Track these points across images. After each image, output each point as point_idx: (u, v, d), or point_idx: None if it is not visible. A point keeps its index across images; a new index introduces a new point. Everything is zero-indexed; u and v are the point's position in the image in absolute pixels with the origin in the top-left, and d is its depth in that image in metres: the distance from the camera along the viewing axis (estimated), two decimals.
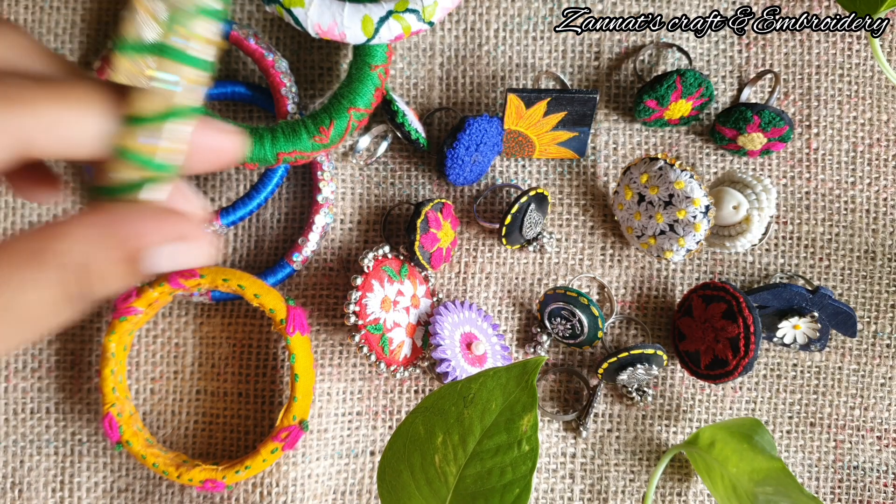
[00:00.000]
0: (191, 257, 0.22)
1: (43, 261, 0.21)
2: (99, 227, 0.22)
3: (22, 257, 0.21)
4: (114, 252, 0.21)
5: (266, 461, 0.43)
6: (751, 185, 0.44)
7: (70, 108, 0.21)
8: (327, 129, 0.42)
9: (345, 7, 0.40)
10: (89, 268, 0.21)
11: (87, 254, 0.21)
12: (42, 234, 0.21)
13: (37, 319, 0.21)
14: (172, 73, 0.21)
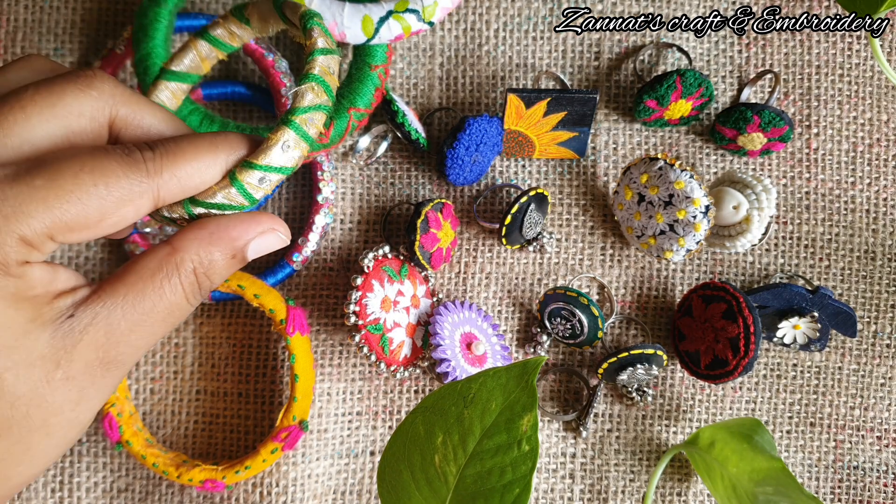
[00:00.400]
0: (277, 242, 0.29)
1: (171, 269, 0.27)
2: (210, 235, 0.28)
3: (153, 269, 0.27)
4: (226, 251, 0.28)
5: (266, 461, 0.43)
6: (751, 185, 0.44)
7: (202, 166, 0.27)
8: (327, 129, 0.42)
9: (345, 7, 0.40)
10: (209, 267, 0.28)
11: (205, 257, 0.27)
12: (165, 248, 0.27)
13: (173, 316, 0.27)
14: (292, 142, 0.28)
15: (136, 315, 0.27)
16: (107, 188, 0.25)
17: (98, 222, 0.25)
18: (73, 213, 0.24)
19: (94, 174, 0.25)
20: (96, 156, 0.25)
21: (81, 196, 0.24)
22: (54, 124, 0.26)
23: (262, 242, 0.29)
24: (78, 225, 0.25)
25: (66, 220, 0.24)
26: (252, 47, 0.44)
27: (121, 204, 0.25)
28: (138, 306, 0.27)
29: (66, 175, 0.24)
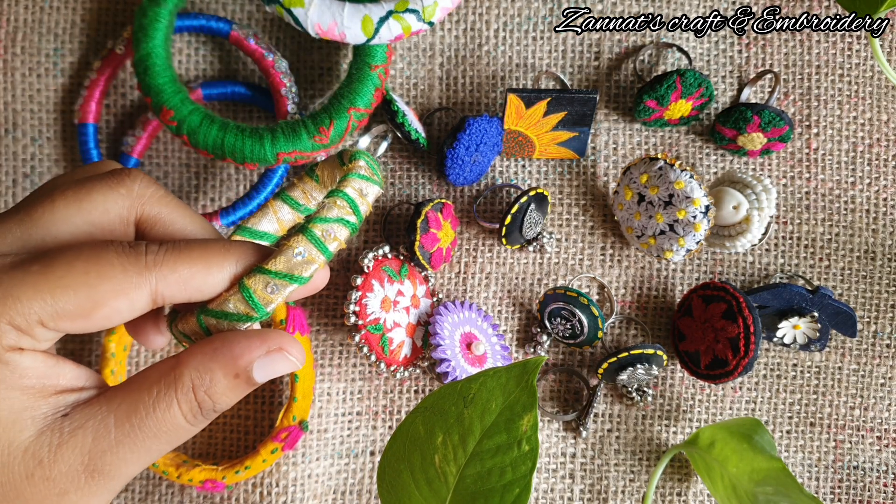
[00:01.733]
0: (288, 365, 0.27)
1: (169, 384, 0.26)
2: (213, 351, 0.26)
3: (152, 381, 0.26)
4: (228, 370, 0.26)
5: (266, 461, 0.43)
6: (751, 185, 0.44)
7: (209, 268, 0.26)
8: (327, 129, 0.42)
9: (345, 7, 0.40)
10: (210, 387, 0.26)
11: (205, 374, 0.26)
12: (170, 361, 0.26)
13: (168, 434, 0.26)
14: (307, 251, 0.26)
15: (127, 427, 0.25)
16: (99, 277, 0.24)
17: (90, 312, 0.25)
18: (63, 300, 0.24)
19: (87, 263, 0.24)
20: (96, 246, 0.25)
21: (71, 283, 0.24)
22: (79, 220, 0.26)
23: (270, 364, 0.26)
24: (68, 313, 0.24)
25: (57, 307, 0.24)
26: (252, 47, 0.44)
27: (114, 294, 0.25)
28: (131, 418, 0.25)
29: (61, 262, 0.24)
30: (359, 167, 0.28)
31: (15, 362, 0.25)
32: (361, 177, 0.28)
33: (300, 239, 0.26)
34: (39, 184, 0.46)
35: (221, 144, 0.41)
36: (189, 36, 0.46)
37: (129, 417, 0.26)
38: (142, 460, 0.26)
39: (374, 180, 0.28)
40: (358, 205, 0.28)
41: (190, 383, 0.26)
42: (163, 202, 0.28)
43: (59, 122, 0.46)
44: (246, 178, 0.47)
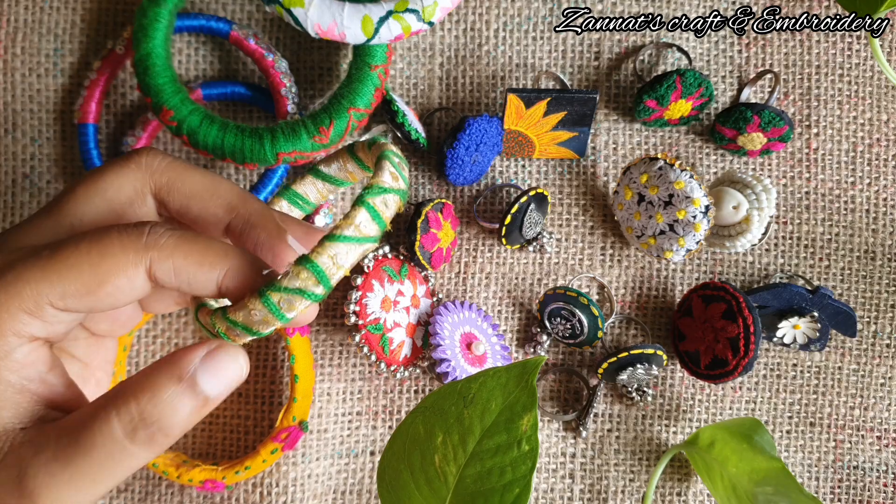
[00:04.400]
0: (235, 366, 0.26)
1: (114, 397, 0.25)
2: (157, 362, 0.26)
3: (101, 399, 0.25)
4: (170, 373, 0.25)
5: (266, 461, 0.43)
6: (751, 185, 0.44)
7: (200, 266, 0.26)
8: (327, 129, 0.42)
9: (345, 7, 0.40)
10: (153, 395, 0.25)
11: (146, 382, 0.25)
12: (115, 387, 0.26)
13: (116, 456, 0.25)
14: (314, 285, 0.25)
15: (64, 441, 0.24)
16: (100, 255, 0.25)
17: (94, 289, 0.25)
18: (69, 279, 0.25)
19: (91, 243, 0.25)
20: (102, 229, 0.26)
21: (76, 263, 0.25)
22: (98, 201, 0.28)
23: (214, 367, 0.26)
24: (74, 291, 0.25)
25: (64, 286, 0.25)
26: (252, 47, 0.44)
27: (115, 272, 0.25)
28: (69, 432, 0.24)
29: (69, 245, 0.26)
30: (384, 179, 0.26)
31: (12, 350, 0.25)
32: (382, 190, 0.26)
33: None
34: (39, 184, 0.46)
35: (221, 144, 0.41)
36: (189, 36, 0.46)
37: (71, 432, 0.25)
38: (78, 486, 0.24)
39: (396, 189, 0.26)
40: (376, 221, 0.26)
41: (131, 393, 0.25)
42: (171, 168, 0.29)
43: (59, 122, 0.46)
44: (246, 178, 0.47)
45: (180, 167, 0.29)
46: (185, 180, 0.29)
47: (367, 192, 0.26)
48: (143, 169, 0.28)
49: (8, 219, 0.46)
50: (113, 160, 0.29)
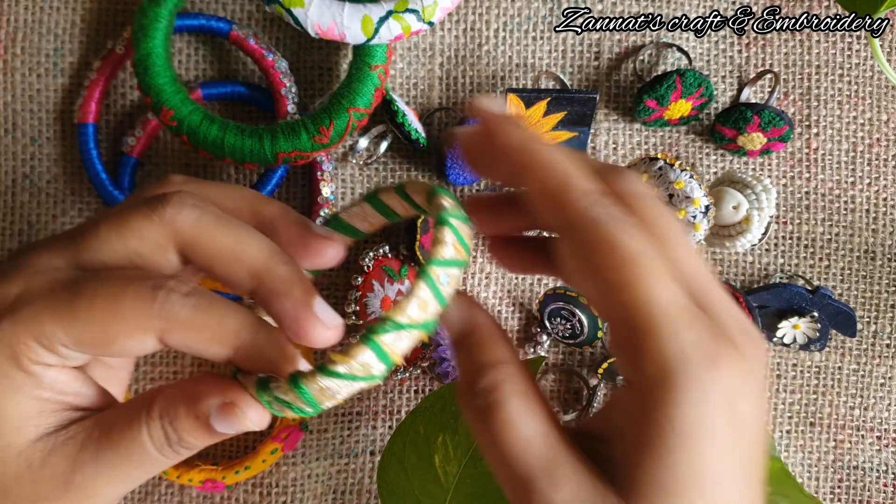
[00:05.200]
0: (242, 421, 0.26)
1: (142, 408, 0.27)
2: (182, 388, 0.27)
3: (134, 408, 0.27)
4: (189, 409, 0.26)
5: (266, 461, 0.43)
6: (751, 185, 0.44)
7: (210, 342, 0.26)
8: (327, 129, 0.42)
9: (345, 7, 0.40)
10: (174, 419, 0.26)
11: (171, 406, 0.26)
12: (151, 392, 0.27)
13: (147, 461, 0.27)
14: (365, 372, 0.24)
15: (105, 443, 0.26)
16: (112, 316, 0.26)
17: (104, 346, 0.26)
18: (80, 331, 0.26)
19: (105, 301, 0.26)
20: (119, 284, 0.26)
21: (88, 318, 0.26)
22: (119, 246, 0.28)
23: (226, 418, 0.26)
24: (83, 342, 0.26)
25: (74, 335, 0.26)
26: (252, 47, 0.44)
27: (123, 335, 0.26)
28: (110, 434, 0.27)
29: (85, 296, 0.26)
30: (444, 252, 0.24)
31: (38, 374, 0.26)
32: (442, 263, 0.24)
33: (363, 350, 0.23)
34: (39, 184, 0.46)
35: (221, 144, 0.41)
36: (189, 36, 0.46)
37: (109, 433, 0.26)
38: (117, 481, 0.27)
39: (457, 261, 0.24)
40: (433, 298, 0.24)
41: (158, 411, 0.26)
42: (197, 226, 0.28)
43: (59, 122, 0.46)
44: (246, 177, 0.47)
45: (208, 224, 0.28)
46: (209, 241, 0.28)
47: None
48: (166, 224, 0.27)
49: (8, 218, 0.46)
50: (140, 203, 0.28)
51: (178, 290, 0.26)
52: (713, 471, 0.23)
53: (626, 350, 0.24)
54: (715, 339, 0.23)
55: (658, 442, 0.23)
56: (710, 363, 0.23)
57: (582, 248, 0.24)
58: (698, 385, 0.23)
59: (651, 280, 0.23)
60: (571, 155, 0.26)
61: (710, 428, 0.23)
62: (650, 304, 0.23)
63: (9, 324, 0.26)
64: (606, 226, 0.24)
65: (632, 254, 0.23)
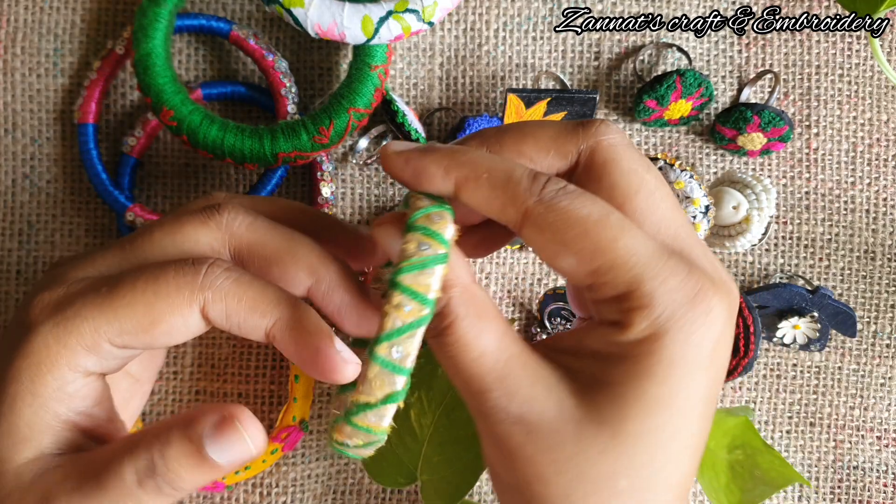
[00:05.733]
0: (242, 444, 0.25)
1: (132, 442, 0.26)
2: (172, 420, 0.26)
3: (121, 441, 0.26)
4: (182, 432, 0.25)
5: (266, 461, 0.43)
6: (751, 185, 0.44)
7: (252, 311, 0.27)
8: (327, 129, 0.42)
9: (345, 7, 0.40)
10: (164, 448, 0.25)
11: (162, 434, 0.25)
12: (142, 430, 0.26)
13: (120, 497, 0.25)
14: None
15: (84, 477, 0.25)
16: (156, 295, 0.26)
17: (149, 328, 0.26)
18: (125, 317, 0.26)
19: (147, 282, 0.26)
20: (159, 266, 0.26)
21: (131, 301, 0.26)
22: (171, 249, 0.28)
23: (222, 439, 0.25)
24: (130, 329, 0.26)
25: (120, 324, 0.26)
26: (252, 47, 0.44)
27: (169, 312, 0.26)
28: (88, 467, 0.25)
29: (126, 282, 0.26)
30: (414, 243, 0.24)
31: (67, 384, 0.26)
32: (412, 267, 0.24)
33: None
34: (39, 184, 0.46)
35: (221, 144, 0.41)
36: (189, 36, 0.46)
37: (88, 466, 0.26)
38: None
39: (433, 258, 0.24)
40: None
41: (146, 442, 0.25)
42: (251, 231, 0.28)
43: (59, 122, 0.46)
44: (246, 178, 0.47)
45: (261, 230, 0.28)
46: (265, 245, 0.28)
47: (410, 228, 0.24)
48: (223, 230, 0.28)
49: (7, 218, 0.46)
50: (193, 211, 0.28)
51: (219, 265, 0.26)
52: (683, 400, 0.25)
53: (611, 304, 0.25)
54: (694, 278, 0.25)
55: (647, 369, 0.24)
56: (694, 301, 0.25)
57: (547, 230, 0.25)
58: (685, 324, 0.24)
59: (624, 237, 0.24)
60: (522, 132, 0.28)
61: (693, 362, 0.25)
62: (628, 262, 0.24)
63: (51, 325, 0.26)
64: (561, 204, 0.25)
65: (597, 219, 0.25)
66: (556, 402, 0.25)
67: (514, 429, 0.25)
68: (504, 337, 0.26)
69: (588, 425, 0.25)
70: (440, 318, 0.26)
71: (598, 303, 0.26)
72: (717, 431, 0.41)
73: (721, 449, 0.41)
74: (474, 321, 0.26)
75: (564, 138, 0.27)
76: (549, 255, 0.26)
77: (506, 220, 0.26)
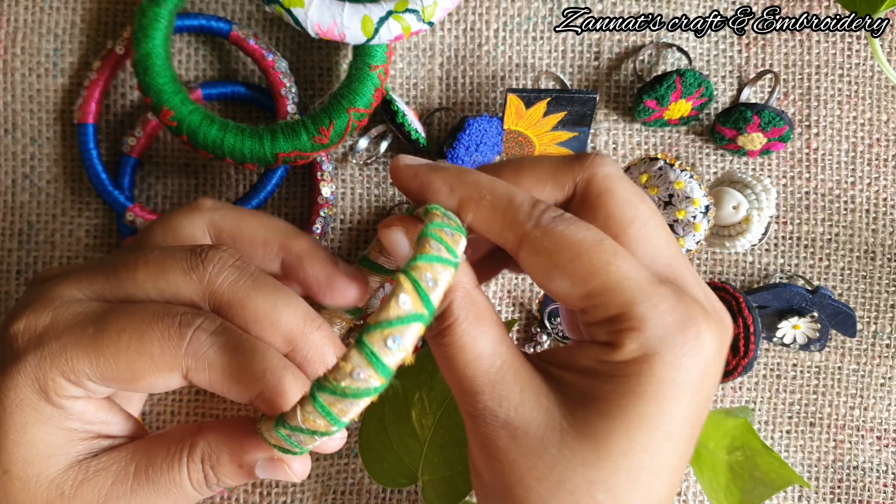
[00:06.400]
0: (287, 477, 0.28)
1: (185, 448, 0.28)
2: (229, 432, 0.28)
3: (174, 440, 0.28)
4: (234, 457, 0.28)
5: None
6: (751, 185, 0.44)
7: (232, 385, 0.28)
8: (327, 129, 0.42)
9: (345, 7, 0.40)
10: (216, 464, 0.28)
11: (215, 451, 0.28)
12: (190, 430, 0.28)
13: (183, 497, 0.28)
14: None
15: (143, 478, 0.27)
16: (139, 353, 0.26)
17: (129, 382, 0.27)
18: (106, 367, 0.26)
19: (132, 337, 0.26)
20: (145, 322, 0.27)
21: (114, 354, 0.26)
22: (155, 294, 0.28)
23: (271, 469, 0.28)
24: (111, 377, 0.27)
25: (100, 370, 0.26)
26: (252, 47, 0.44)
27: (150, 372, 0.26)
28: (147, 470, 0.27)
29: (112, 331, 0.26)
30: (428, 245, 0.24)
31: (66, 406, 0.27)
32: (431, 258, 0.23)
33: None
34: (39, 184, 0.46)
35: (221, 144, 0.41)
36: (189, 36, 0.46)
37: (146, 469, 0.27)
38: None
39: (446, 259, 0.24)
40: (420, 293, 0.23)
41: (200, 454, 0.28)
42: (228, 215, 0.30)
43: (58, 122, 0.46)
44: (246, 177, 0.47)
45: (245, 288, 0.29)
46: (246, 305, 0.28)
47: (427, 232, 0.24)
48: (205, 284, 0.28)
49: (7, 218, 0.46)
50: (181, 254, 0.29)
51: (206, 329, 0.27)
52: (668, 421, 0.25)
53: (602, 326, 0.26)
54: (683, 304, 0.25)
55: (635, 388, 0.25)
56: (684, 327, 0.25)
57: (542, 254, 0.26)
58: (674, 347, 0.25)
59: (617, 261, 0.25)
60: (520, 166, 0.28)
61: (682, 385, 0.25)
62: (621, 287, 0.25)
63: (35, 358, 0.26)
64: (557, 229, 0.25)
65: (591, 244, 0.25)
66: (544, 410, 0.26)
67: (500, 432, 0.26)
68: (500, 343, 0.26)
69: (572, 436, 0.25)
70: (441, 319, 0.26)
71: (590, 325, 0.26)
72: (716, 432, 0.41)
73: (721, 450, 0.41)
74: (473, 324, 0.26)
75: (561, 171, 0.28)
76: (543, 277, 0.26)
77: (503, 241, 0.27)
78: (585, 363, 0.26)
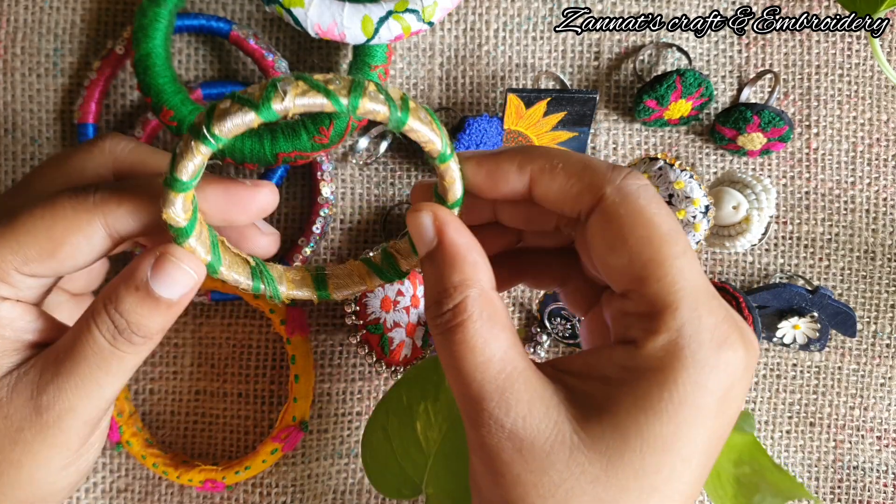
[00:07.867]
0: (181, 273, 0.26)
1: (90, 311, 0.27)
2: (117, 275, 0.27)
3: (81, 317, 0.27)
4: (128, 284, 0.26)
5: (266, 461, 0.43)
6: (750, 185, 0.44)
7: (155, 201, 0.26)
8: (327, 129, 0.42)
9: (345, 7, 0.40)
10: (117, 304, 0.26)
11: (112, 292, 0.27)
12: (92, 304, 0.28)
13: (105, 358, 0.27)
14: None
15: (62, 356, 0.27)
16: (53, 218, 0.27)
17: (53, 252, 0.27)
18: (27, 244, 0.27)
19: (44, 209, 0.27)
20: (52, 195, 0.27)
21: (31, 229, 0.27)
22: (60, 180, 0.29)
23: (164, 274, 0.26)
24: (34, 256, 0.27)
25: (23, 252, 0.27)
26: (252, 47, 0.44)
27: (69, 232, 0.27)
28: (65, 349, 0.27)
29: (24, 214, 0.27)
30: None
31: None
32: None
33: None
34: None
35: None
36: (189, 36, 0.46)
37: (63, 349, 0.27)
38: (84, 391, 0.27)
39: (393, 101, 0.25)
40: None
41: (101, 305, 0.27)
42: (135, 153, 0.31)
43: (58, 122, 0.46)
44: (246, 178, 0.47)
45: (144, 151, 0.31)
46: (147, 163, 0.30)
47: None
48: (105, 154, 0.30)
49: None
50: (80, 144, 0.31)
51: (104, 187, 0.28)
52: (685, 444, 0.24)
53: (638, 319, 0.25)
54: (728, 325, 0.25)
55: (655, 404, 0.24)
56: (720, 347, 0.24)
57: (615, 223, 0.25)
58: (705, 366, 0.24)
59: (684, 259, 0.24)
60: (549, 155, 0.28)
61: (703, 408, 0.24)
62: (677, 283, 0.24)
63: None
64: (640, 201, 0.25)
65: (667, 231, 0.25)
66: (553, 423, 0.25)
67: (505, 444, 0.25)
68: (511, 349, 0.26)
69: (582, 452, 0.24)
70: (453, 314, 0.25)
71: (625, 314, 0.26)
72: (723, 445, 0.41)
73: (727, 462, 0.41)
74: (486, 325, 0.25)
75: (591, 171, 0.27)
76: (606, 247, 0.25)
77: (578, 207, 0.26)
78: (604, 369, 0.25)
